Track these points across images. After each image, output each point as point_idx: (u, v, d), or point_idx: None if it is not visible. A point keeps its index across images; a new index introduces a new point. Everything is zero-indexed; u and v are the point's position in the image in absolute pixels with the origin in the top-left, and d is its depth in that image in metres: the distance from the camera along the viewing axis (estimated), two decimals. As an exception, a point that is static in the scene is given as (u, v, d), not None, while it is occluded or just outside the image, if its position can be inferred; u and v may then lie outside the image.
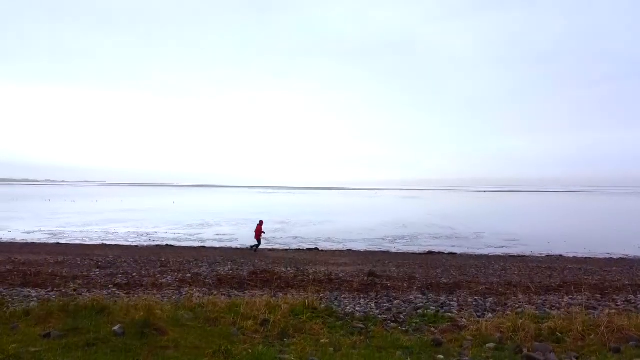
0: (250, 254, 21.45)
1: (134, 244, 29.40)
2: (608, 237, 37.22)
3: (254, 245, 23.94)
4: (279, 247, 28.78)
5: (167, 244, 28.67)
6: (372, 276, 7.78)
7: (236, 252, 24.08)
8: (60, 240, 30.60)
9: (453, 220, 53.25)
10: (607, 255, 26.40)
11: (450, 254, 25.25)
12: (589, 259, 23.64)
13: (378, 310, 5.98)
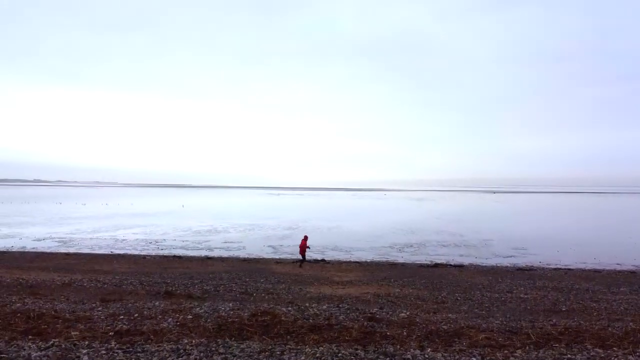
0: (255, 270, 21.51)
1: (143, 252, 29.65)
2: (619, 244, 36.80)
3: (300, 260, 24.05)
4: (287, 256, 28.86)
5: (175, 254, 28.85)
6: (372, 321, 7.76)
7: (242, 265, 24.14)
8: (69, 249, 30.98)
9: (462, 225, 52.94)
10: (616, 267, 26.13)
11: (458, 266, 25.11)
12: (597, 272, 23.37)
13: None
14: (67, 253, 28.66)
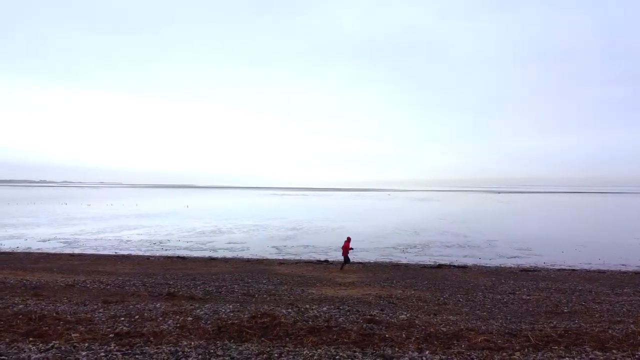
0: (258, 271, 21.55)
1: (147, 253, 29.76)
2: (623, 245, 36.59)
3: (342, 263, 23.88)
4: (290, 257, 28.92)
5: (178, 255, 28.95)
6: (372, 323, 7.76)
7: (246, 265, 24.20)
8: (74, 250, 31.17)
9: (466, 225, 52.80)
10: (621, 267, 26.00)
11: (461, 267, 25.04)
12: (602, 273, 23.25)
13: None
14: (72, 254, 28.82)
